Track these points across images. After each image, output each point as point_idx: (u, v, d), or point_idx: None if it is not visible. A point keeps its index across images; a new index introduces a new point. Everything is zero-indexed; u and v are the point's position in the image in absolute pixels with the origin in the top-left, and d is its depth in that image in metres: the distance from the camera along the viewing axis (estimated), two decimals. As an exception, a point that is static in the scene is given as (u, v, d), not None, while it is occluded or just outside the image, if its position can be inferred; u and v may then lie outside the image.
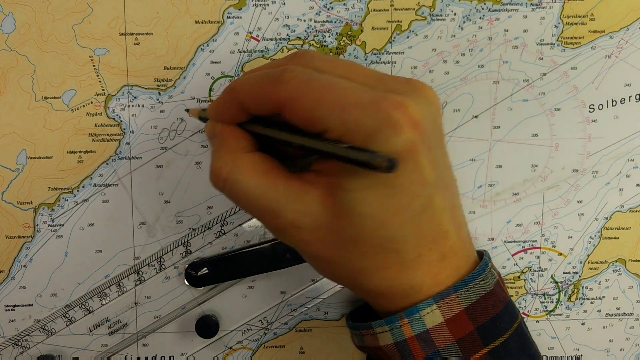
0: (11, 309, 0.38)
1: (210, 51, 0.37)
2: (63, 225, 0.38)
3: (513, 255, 0.39)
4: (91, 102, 0.37)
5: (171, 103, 0.38)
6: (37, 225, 0.38)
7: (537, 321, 0.40)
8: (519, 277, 0.40)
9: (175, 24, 0.37)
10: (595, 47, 0.38)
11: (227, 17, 0.37)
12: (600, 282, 0.40)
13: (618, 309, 0.40)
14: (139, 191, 0.38)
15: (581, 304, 0.40)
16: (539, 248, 0.39)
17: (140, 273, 0.38)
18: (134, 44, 0.37)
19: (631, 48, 0.38)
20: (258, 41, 0.38)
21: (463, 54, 0.38)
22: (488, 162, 0.39)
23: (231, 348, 0.40)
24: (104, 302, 0.39)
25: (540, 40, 0.38)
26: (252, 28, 0.37)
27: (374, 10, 0.38)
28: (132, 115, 0.38)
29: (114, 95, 0.37)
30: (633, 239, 0.40)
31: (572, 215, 0.39)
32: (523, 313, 0.40)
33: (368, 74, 0.28)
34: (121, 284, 0.38)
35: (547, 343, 0.40)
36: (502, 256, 0.39)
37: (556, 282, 0.40)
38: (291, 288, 0.39)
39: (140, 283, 0.39)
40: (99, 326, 0.39)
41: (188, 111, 0.37)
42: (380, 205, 0.26)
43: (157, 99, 0.38)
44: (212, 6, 0.37)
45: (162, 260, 0.39)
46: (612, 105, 0.39)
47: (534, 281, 0.40)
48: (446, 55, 0.38)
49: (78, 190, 0.38)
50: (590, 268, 0.40)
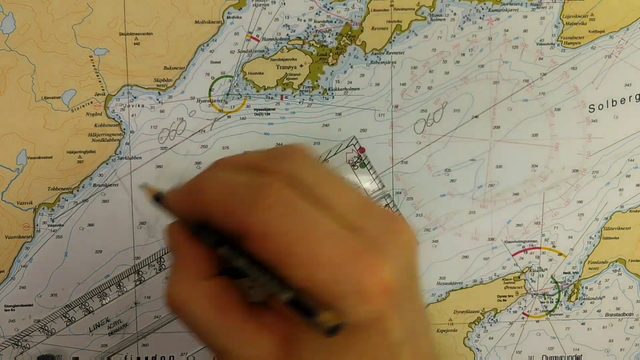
0: (11, 309, 0.38)
1: (210, 51, 0.37)
2: (63, 225, 0.38)
3: (513, 255, 0.39)
4: (91, 102, 0.37)
5: (171, 103, 0.38)
6: (37, 225, 0.38)
7: (537, 321, 0.40)
8: (519, 277, 0.40)
9: (175, 24, 0.37)
10: (595, 47, 0.38)
11: (227, 17, 0.37)
12: (600, 282, 0.40)
13: (618, 309, 0.40)
14: (139, 191, 0.38)
15: (581, 304, 0.40)
16: (539, 248, 0.39)
17: (140, 273, 0.38)
18: (134, 44, 0.37)
19: (631, 48, 0.38)
20: (258, 41, 0.38)
21: (463, 54, 0.38)
22: (488, 162, 0.39)
23: (231, 348, 0.40)
24: (104, 302, 0.39)
25: (540, 40, 0.38)
26: (252, 28, 0.37)
27: (374, 10, 0.38)
28: (132, 115, 0.38)
29: (114, 95, 0.37)
30: (633, 239, 0.40)
31: (572, 215, 0.39)
32: (523, 313, 0.40)
33: (350, 202, 0.25)
34: (121, 284, 0.38)
35: (547, 343, 0.40)
36: (502, 256, 0.39)
37: (556, 282, 0.40)
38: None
39: (140, 283, 0.39)
40: (99, 326, 0.39)
41: (144, 187, 0.36)
42: None
43: (157, 99, 0.38)
44: (212, 6, 0.37)
45: (162, 260, 0.39)
46: (612, 105, 0.39)
47: (534, 281, 0.40)
48: (446, 55, 0.38)
49: (78, 190, 0.38)
50: (590, 268, 0.40)
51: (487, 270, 0.39)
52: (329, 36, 0.38)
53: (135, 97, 0.37)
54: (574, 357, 0.40)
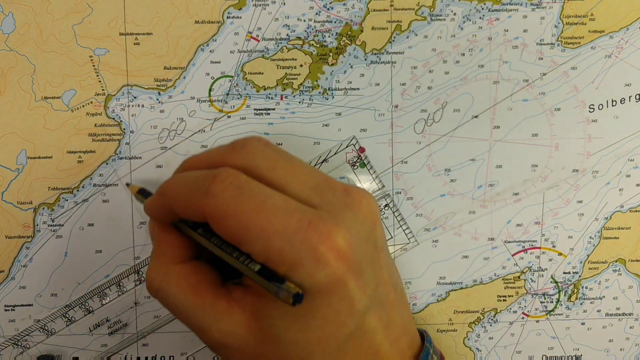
0: (11, 309, 0.38)
1: (210, 51, 0.37)
2: (63, 225, 0.38)
3: (513, 255, 0.39)
4: (91, 102, 0.37)
5: (171, 103, 0.38)
6: (37, 225, 0.38)
7: (537, 321, 0.40)
8: (519, 277, 0.40)
9: (175, 24, 0.37)
10: (595, 47, 0.38)
11: (227, 17, 0.37)
12: (600, 282, 0.40)
13: (618, 309, 0.40)
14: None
15: (581, 304, 0.40)
16: (539, 248, 0.39)
17: (140, 273, 0.38)
18: (134, 44, 0.37)
19: (631, 48, 0.38)
20: (258, 41, 0.38)
21: (463, 54, 0.38)
22: (488, 162, 0.39)
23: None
24: (104, 302, 0.39)
25: (540, 40, 0.38)
26: (252, 28, 0.37)
27: (374, 10, 0.38)
28: (132, 115, 0.38)
29: (114, 95, 0.37)
30: (633, 239, 0.40)
31: (572, 215, 0.39)
32: (523, 313, 0.40)
33: (307, 181, 0.27)
34: (121, 284, 0.38)
35: (547, 343, 0.40)
36: (502, 256, 0.39)
37: (556, 282, 0.40)
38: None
39: (140, 283, 0.39)
40: (99, 326, 0.39)
41: (128, 185, 0.37)
42: (304, 335, 0.25)
43: (157, 99, 0.38)
44: (212, 6, 0.37)
45: (162, 260, 0.38)
46: (612, 105, 0.39)
47: (534, 281, 0.40)
48: (446, 55, 0.38)
49: (78, 190, 0.38)
50: (590, 268, 0.40)
51: (487, 270, 0.39)
52: (329, 36, 0.38)
53: (135, 97, 0.37)
54: (574, 357, 0.40)
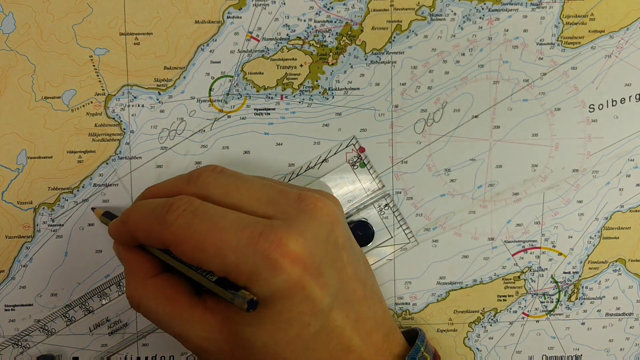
0: (11, 309, 0.38)
1: (210, 51, 0.37)
2: (63, 225, 0.38)
3: (513, 255, 0.39)
4: (91, 102, 0.37)
5: (171, 103, 0.38)
6: (37, 225, 0.38)
7: (537, 321, 0.40)
8: (519, 277, 0.40)
9: (175, 24, 0.37)
10: (595, 47, 0.38)
11: (227, 17, 0.37)
12: (600, 282, 0.40)
13: (618, 309, 0.40)
14: (139, 191, 0.38)
15: (581, 304, 0.40)
16: (539, 248, 0.39)
17: (140, 273, 0.38)
18: (134, 44, 0.37)
19: (631, 48, 0.38)
20: (258, 41, 0.38)
21: (463, 54, 0.38)
22: (488, 162, 0.39)
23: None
24: (104, 302, 0.39)
25: (540, 40, 0.38)
26: (252, 28, 0.37)
27: (374, 10, 0.38)
28: (132, 115, 0.38)
29: (114, 95, 0.37)
30: (633, 239, 0.40)
31: (572, 215, 0.39)
32: (523, 313, 0.40)
33: (260, 197, 0.28)
34: (121, 284, 0.38)
35: (547, 343, 0.40)
36: (502, 256, 0.39)
37: (556, 282, 0.40)
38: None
39: (140, 283, 0.39)
40: (99, 326, 0.39)
41: (94, 210, 0.38)
42: (271, 338, 0.27)
43: (157, 99, 0.38)
44: (212, 6, 0.37)
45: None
46: (612, 105, 0.39)
47: (534, 281, 0.40)
48: (446, 55, 0.38)
49: (78, 190, 0.38)
50: (590, 268, 0.40)
51: (487, 270, 0.39)
52: (329, 36, 0.38)
53: (135, 97, 0.37)
54: (574, 357, 0.40)
